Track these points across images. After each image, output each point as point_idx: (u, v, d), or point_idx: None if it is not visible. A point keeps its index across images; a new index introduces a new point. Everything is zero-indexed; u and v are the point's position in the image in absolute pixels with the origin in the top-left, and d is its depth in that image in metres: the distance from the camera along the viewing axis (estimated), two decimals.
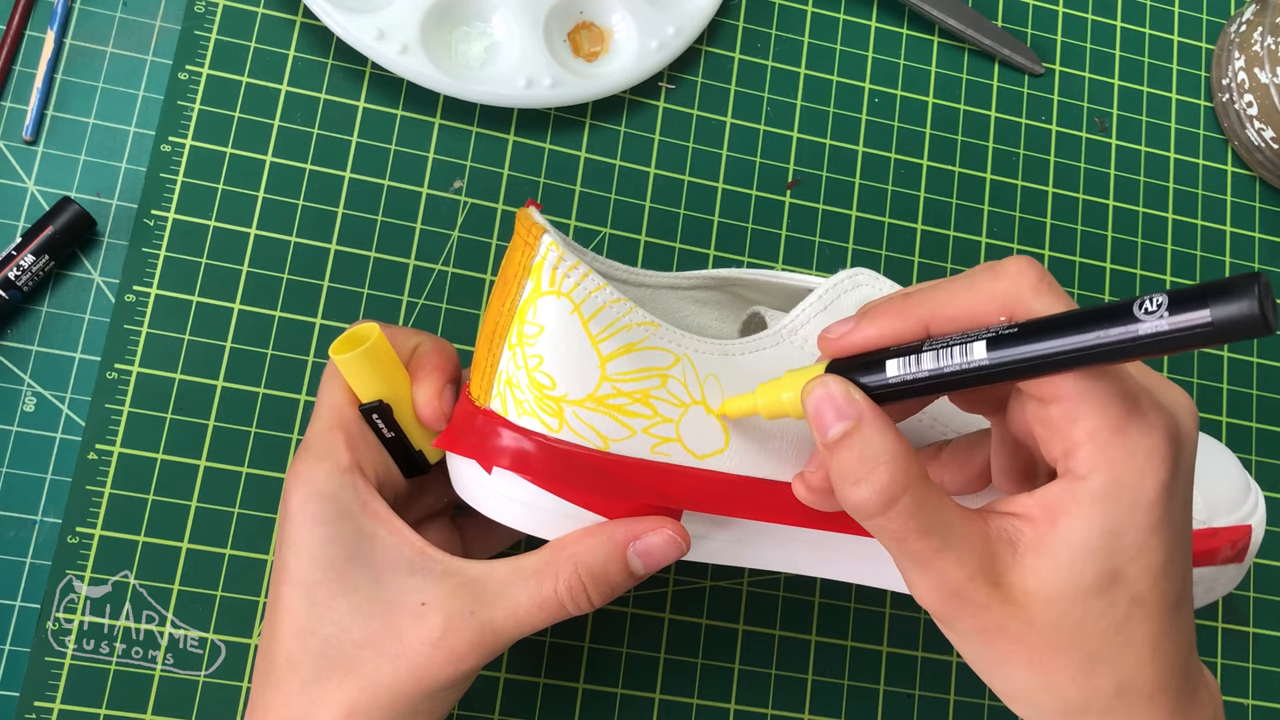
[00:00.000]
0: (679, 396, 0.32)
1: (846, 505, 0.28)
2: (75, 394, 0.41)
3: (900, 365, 0.28)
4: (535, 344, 0.32)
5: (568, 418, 0.31)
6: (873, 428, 0.27)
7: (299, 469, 0.33)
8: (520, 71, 0.44)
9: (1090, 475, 0.26)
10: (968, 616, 0.27)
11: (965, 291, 0.28)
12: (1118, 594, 0.27)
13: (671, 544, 0.32)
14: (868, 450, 0.27)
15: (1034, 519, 0.27)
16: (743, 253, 0.47)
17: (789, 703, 0.44)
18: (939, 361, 0.27)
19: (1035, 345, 0.25)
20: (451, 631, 0.31)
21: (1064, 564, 0.27)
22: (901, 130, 0.50)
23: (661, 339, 0.32)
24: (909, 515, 0.27)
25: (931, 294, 0.28)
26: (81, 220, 0.41)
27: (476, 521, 0.40)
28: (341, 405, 0.34)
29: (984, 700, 0.45)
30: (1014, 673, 0.28)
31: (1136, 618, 0.27)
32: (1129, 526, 0.26)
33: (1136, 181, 0.51)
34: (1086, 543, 0.26)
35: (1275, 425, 0.50)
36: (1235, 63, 0.51)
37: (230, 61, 0.44)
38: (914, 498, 0.27)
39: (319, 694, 0.31)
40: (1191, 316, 0.23)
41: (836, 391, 0.28)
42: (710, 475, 0.33)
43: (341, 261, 0.44)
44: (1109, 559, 0.26)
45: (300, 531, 0.32)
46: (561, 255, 0.31)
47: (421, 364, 0.35)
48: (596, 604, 0.33)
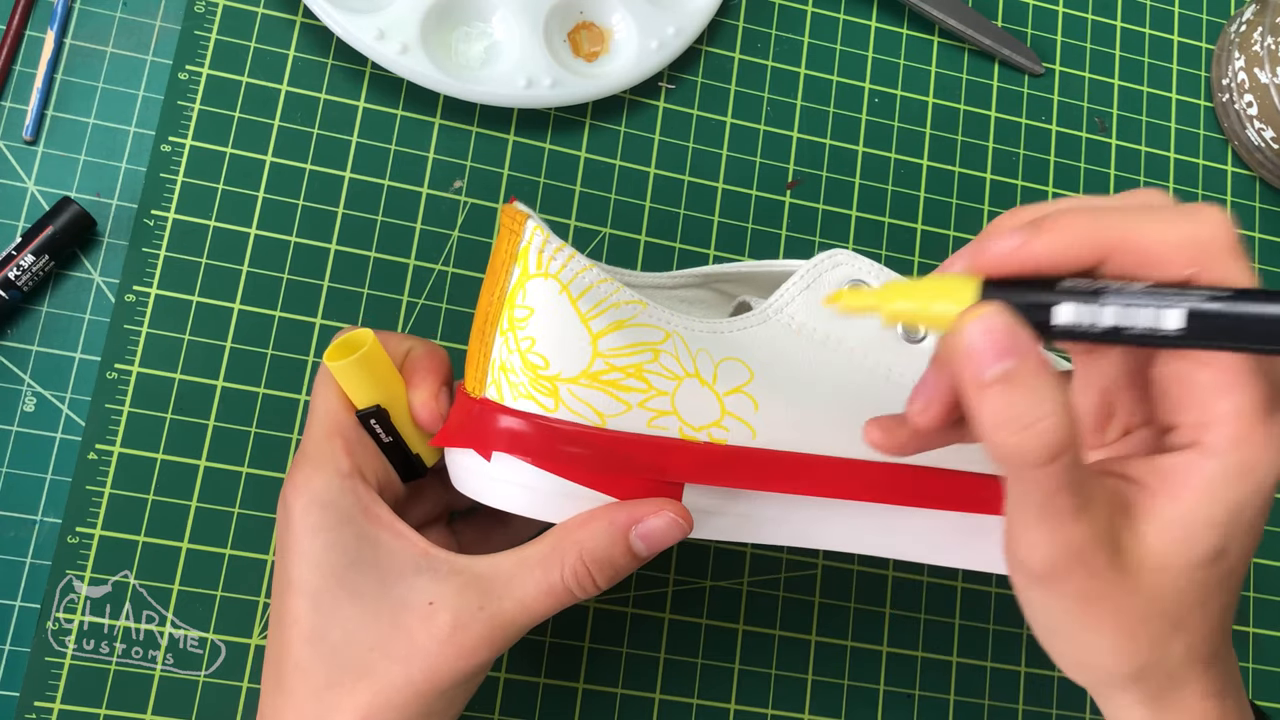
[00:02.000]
0: (672, 370, 0.32)
1: (1001, 451, 0.25)
2: (75, 394, 0.41)
3: (1077, 313, 0.25)
4: (526, 326, 0.32)
5: (563, 396, 0.32)
6: (1041, 372, 0.25)
7: (297, 478, 0.33)
8: (520, 71, 0.44)
9: (1227, 454, 0.26)
10: (1079, 579, 0.26)
11: (1155, 225, 0.25)
12: (1219, 568, 0.27)
13: (674, 525, 0.32)
14: (1035, 398, 0.24)
15: (1149, 486, 0.26)
16: (743, 253, 0.47)
17: (789, 703, 0.44)
18: (1120, 320, 0.24)
19: (1245, 327, 0.23)
20: (461, 628, 0.31)
21: (1181, 538, 0.26)
22: (901, 130, 0.50)
23: (651, 316, 0.32)
24: (1068, 470, 0.25)
25: (1119, 217, 0.26)
26: (81, 220, 0.41)
27: (473, 526, 0.40)
28: (337, 411, 0.34)
29: (984, 700, 0.45)
30: (1098, 638, 0.27)
31: (1224, 589, 0.27)
32: (1247, 507, 0.26)
33: (1136, 181, 0.51)
34: (1210, 519, 0.26)
35: None
36: (1235, 63, 0.51)
37: (230, 61, 0.44)
38: (1076, 453, 0.25)
39: (332, 700, 0.31)
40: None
41: (999, 325, 0.25)
42: (708, 447, 0.33)
43: (341, 261, 0.44)
44: (1224, 538, 0.26)
45: (302, 540, 0.32)
46: (547, 238, 0.32)
47: (415, 368, 0.35)
48: (602, 587, 0.33)
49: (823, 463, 0.34)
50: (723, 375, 0.33)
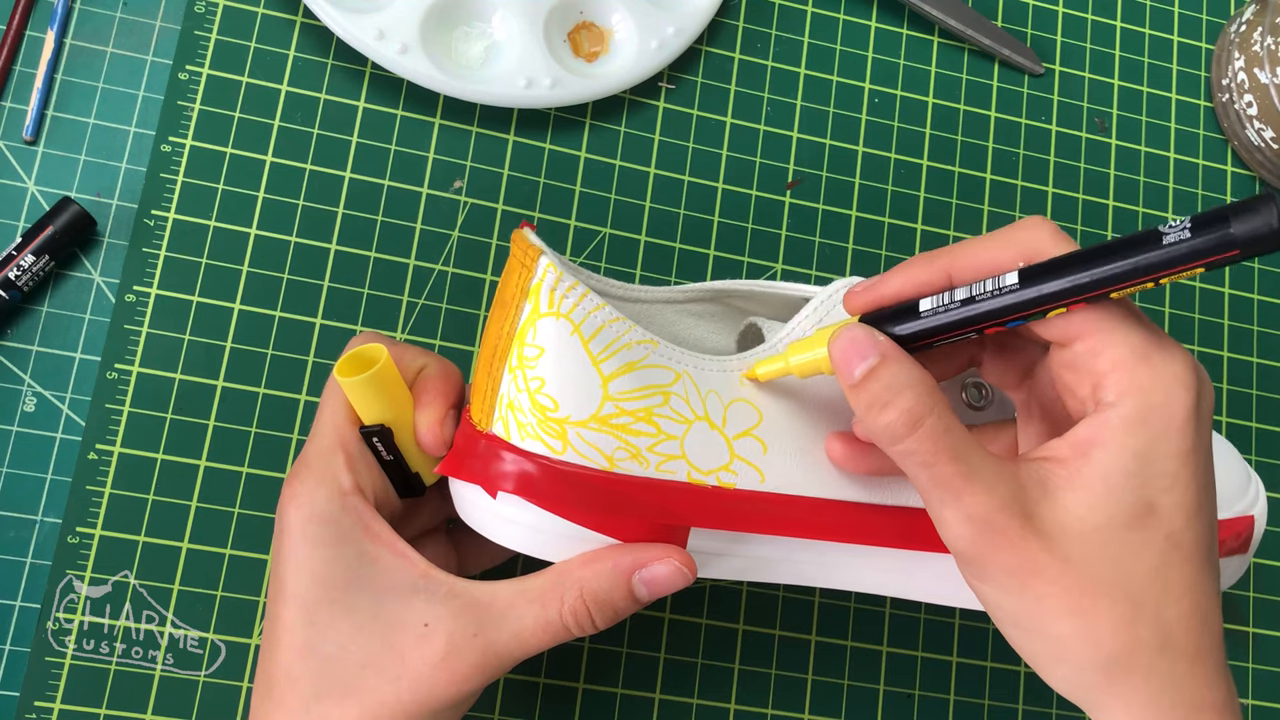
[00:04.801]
0: (682, 413, 0.32)
1: (874, 434, 0.28)
2: (75, 394, 0.41)
3: (933, 300, 0.29)
4: (536, 366, 0.31)
5: (571, 439, 0.31)
6: (896, 361, 0.28)
7: (299, 488, 0.33)
8: (520, 71, 0.44)
9: (1120, 401, 0.27)
10: (1001, 552, 0.27)
11: (985, 243, 0.29)
12: (1153, 529, 0.27)
13: (677, 574, 0.32)
14: (893, 379, 0.28)
15: (1064, 458, 0.27)
16: (743, 253, 0.47)
17: (789, 703, 0.44)
18: (972, 291, 0.28)
19: (1067, 271, 0.27)
20: (455, 653, 0.31)
21: (1098, 495, 0.27)
22: (901, 130, 0.50)
23: (661, 356, 0.32)
24: (937, 436, 0.27)
25: (953, 247, 0.30)
26: (81, 220, 0.41)
27: (472, 538, 0.40)
28: (343, 425, 0.34)
29: (984, 700, 0.45)
30: (1053, 622, 0.27)
31: (1174, 561, 0.27)
32: (1161, 454, 0.26)
33: (1136, 181, 0.51)
34: (1121, 469, 0.26)
35: (1275, 425, 0.50)
36: (1235, 63, 0.51)
37: (230, 61, 0.44)
38: (940, 419, 0.27)
39: (320, 712, 0.31)
40: (1215, 234, 0.24)
41: (860, 335, 0.29)
42: (716, 492, 0.33)
43: (341, 261, 0.44)
44: (1142, 487, 0.26)
45: (301, 552, 0.32)
46: (559, 276, 0.31)
47: (426, 388, 0.35)
48: (600, 628, 0.33)
49: (831, 507, 0.34)
50: (732, 418, 0.33)
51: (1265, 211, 0.24)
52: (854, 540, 0.34)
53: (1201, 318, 0.50)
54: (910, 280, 0.30)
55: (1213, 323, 0.50)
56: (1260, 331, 0.51)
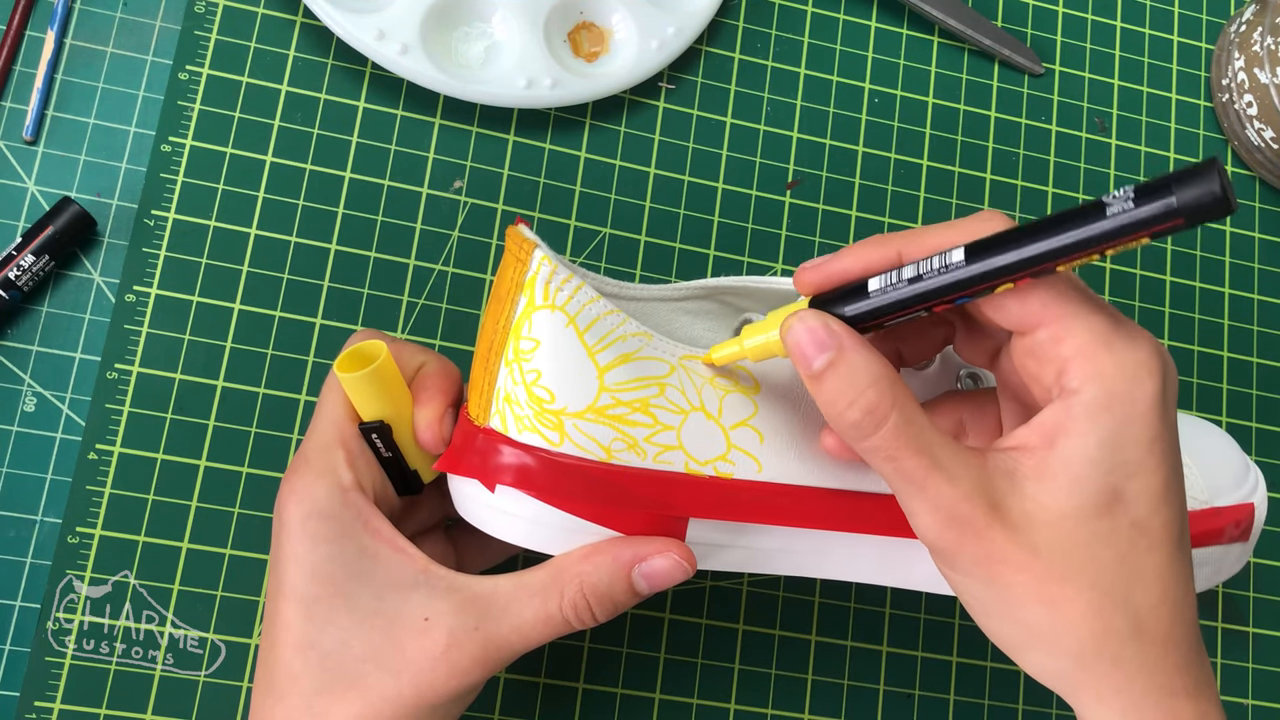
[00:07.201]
0: (678, 404, 0.32)
1: (841, 431, 0.28)
2: (75, 394, 0.41)
3: (881, 279, 0.29)
4: (532, 359, 0.31)
5: (569, 431, 0.31)
6: (854, 353, 0.28)
7: (298, 484, 0.33)
8: (520, 71, 0.44)
9: (1083, 388, 0.26)
10: (969, 543, 0.27)
11: (939, 228, 0.29)
12: (1119, 517, 0.27)
13: (677, 567, 0.32)
14: (853, 375, 0.28)
15: (1031, 447, 0.27)
16: (743, 253, 0.47)
17: (789, 703, 0.44)
18: (919, 269, 0.28)
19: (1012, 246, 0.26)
20: (455, 646, 0.31)
21: (1064, 483, 0.27)
22: (901, 130, 0.50)
23: (656, 349, 0.32)
24: (899, 430, 0.27)
25: (907, 231, 0.30)
26: (81, 220, 0.41)
27: (471, 535, 0.40)
28: (342, 421, 0.34)
29: (984, 700, 0.45)
30: (1024, 611, 0.27)
31: (1141, 547, 0.27)
32: (1126, 440, 0.26)
33: (1136, 182, 0.51)
34: (1085, 457, 0.26)
35: (1275, 425, 0.50)
36: (1235, 63, 0.51)
37: (230, 61, 0.44)
38: (902, 414, 0.27)
39: (321, 707, 0.31)
40: (1159, 203, 0.24)
41: (815, 324, 0.28)
42: (714, 482, 0.33)
43: (341, 261, 0.44)
44: (1108, 474, 0.26)
45: (300, 548, 0.32)
46: (554, 269, 0.31)
47: (425, 385, 0.35)
48: (600, 620, 0.33)
49: (829, 496, 0.34)
50: (728, 409, 0.33)
51: (1208, 178, 0.23)
52: (852, 529, 0.34)
53: (1201, 318, 0.50)
54: (861, 259, 0.29)
55: (1213, 323, 0.50)
56: (1260, 331, 0.51)
